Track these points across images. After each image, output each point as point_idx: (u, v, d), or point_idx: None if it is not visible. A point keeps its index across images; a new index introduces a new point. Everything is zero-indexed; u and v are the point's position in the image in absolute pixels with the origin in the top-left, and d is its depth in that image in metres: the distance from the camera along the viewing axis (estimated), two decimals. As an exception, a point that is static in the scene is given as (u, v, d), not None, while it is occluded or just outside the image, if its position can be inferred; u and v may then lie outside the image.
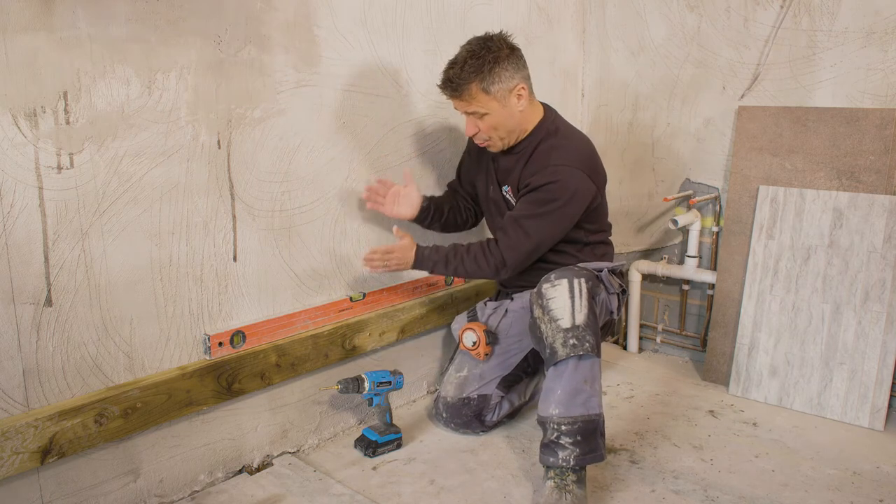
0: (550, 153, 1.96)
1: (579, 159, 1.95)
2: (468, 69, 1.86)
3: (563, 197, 1.92)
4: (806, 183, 2.34)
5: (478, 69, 1.86)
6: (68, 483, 1.56)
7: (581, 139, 2.05)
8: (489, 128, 1.94)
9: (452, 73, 1.89)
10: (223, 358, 1.78)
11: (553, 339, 1.77)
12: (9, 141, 1.39)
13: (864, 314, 2.20)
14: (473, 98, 1.89)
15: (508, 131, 1.97)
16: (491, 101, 1.90)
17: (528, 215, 1.94)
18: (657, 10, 2.65)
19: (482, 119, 1.93)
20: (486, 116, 1.92)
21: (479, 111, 1.91)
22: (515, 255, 1.96)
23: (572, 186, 1.92)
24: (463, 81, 1.87)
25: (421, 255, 2.03)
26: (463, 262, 2.00)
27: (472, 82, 1.87)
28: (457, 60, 1.90)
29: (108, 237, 1.56)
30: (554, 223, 1.95)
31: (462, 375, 2.15)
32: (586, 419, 1.74)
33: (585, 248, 2.08)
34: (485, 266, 1.98)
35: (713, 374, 2.55)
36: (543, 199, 1.93)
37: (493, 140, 1.98)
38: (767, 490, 1.85)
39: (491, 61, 1.87)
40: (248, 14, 1.74)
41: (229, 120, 1.74)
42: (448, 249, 2.03)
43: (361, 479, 1.90)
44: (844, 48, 2.26)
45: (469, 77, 1.86)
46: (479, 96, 1.89)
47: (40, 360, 1.49)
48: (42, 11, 1.40)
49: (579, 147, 2.00)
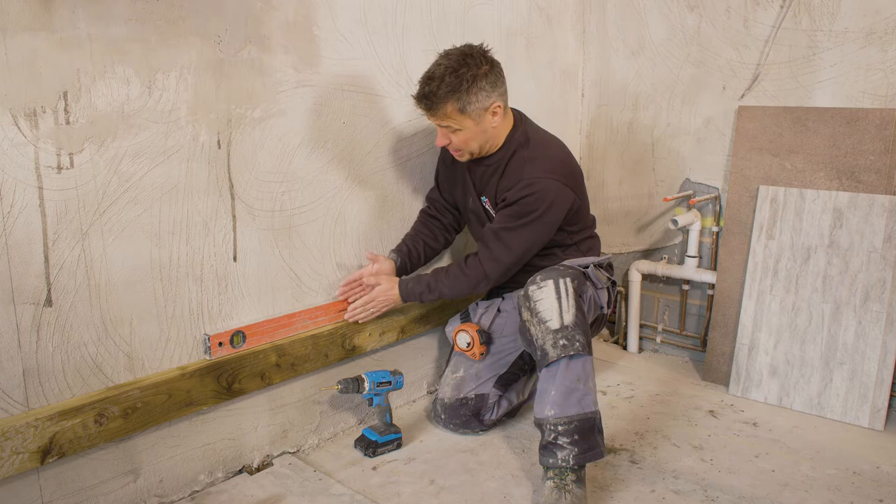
0: (524, 166, 1.96)
1: (552, 168, 1.96)
2: (445, 88, 1.83)
3: (540, 207, 1.92)
4: (806, 183, 2.34)
5: (455, 88, 1.83)
6: (68, 483, 1.56)
7: (552, 146, 2.05)
8: (461, 142, 1.94)
9: (429, 89, 1.85)
10: (223, 358, 1.78)
11: (543, 340, 1.77)
12: (9, 141, 1.39)
13: (864, 314, 2.20)
14: (448, 116, 1.88)
15: (480, 145, 1.97)
16: (465, 120, 1.89)
17: (508, 227, 1.96)
18: (657, 10, 2.65)
19: (455, 133, 1.93)
20: (459, 132, 1.92)
21: (453, 126, 1.90)
22: (496, 267, 1.98)
23: (549, 197, 1.93)
24: (439, 100, 1.85)
25: (405, 289, 2.06)
26: (446, 286, 2.03)
27: (448, 101, 1.85)
28: (433, 76, 1.85)
29: (108, 237, 1.56)
30: (534, 234, 1.96)
31: (458, 376, 2.15)
32: (582, 417, 1.74)
33: (570, 247, 2.10)
34: (465, 284, 2.01)
35: (713, 374, 2.55)
36: (521, 212, 1.94)
37: (464, 152, 1.99)
38: (767, 490, 1.85)
39: (469, 80, 1.83)
40: (248, 14, 1.74)
41: (229, 120, 1.74)
42: (429, 277, 2.06)
43: (361, 479, 1.90)
44: (844, 48, 2.26)
45: (446, 96, 1.84)
46: (454, 115, 1.88)
47: (40, 360, 1.50)
48: (42, 11, 1.40)
49: (551, 154, 2.00)
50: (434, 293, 2.05)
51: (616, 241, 2.90)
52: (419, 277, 2.07)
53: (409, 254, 2.16)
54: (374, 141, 2.11)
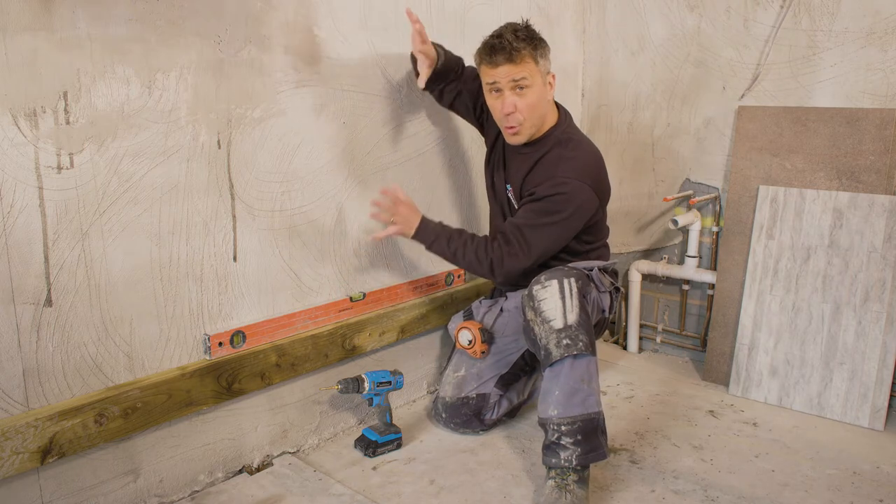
0: (559, 164, 1.94)
1: (587, 173, 1.94)
2: (522, 36, 1.87)
3: (567, 209, 1.90)
4: (806, 183, 2.34)
5: (530, 38, 1.89)
6: (68, 483, 1.56)
7: (591, 152, 2.01)
8: (527, 107, 1.91)
9: (505, 39, 1.86)
10: (223, 358, 1.78)
11: (547, 340, 1.77)
12: (9, 141, 1.39)
13: (864, 314, 2.20)
14: (527, 64, 1.88)
15: (539, 116, 1.95)
16: (537, 75, 1.90)
17: (531, 224, 1.92)
18: (657, 10, 2.65)
19: (524, 94, 1.89)
20: (528, 91, 1.89)
21: (527, 79, 1.88)
22: (513, 264, 1.94)
23: (578, 200, 1.91)
24: (519, 46, 1.86)
25: (425, 224, 1.99)
26: (464, 249, 1.96)
27: (527, 48, 1.87)
28: (504, 31, 1.89)
29: (108, 237, 1.56)
30: (555, 234, 1.93)
31: (460, 375, 2.15)
32: (586, 418, 1.74)
33: (581, 255, 2.07)
34: (481, 261, 1.95)
35: (713, 374, 2.55)
36: (548, 210, 1.91)
37: (524, 126, 1.94)
38: (767, 490, 1.85)
39: (539, 38, 1.91)
40: (248, 14, 1.74)
41: (229, 120, 1.74)
42: (453, 230, 1.99)
43: (361, 479, 1.90)
44: (844, 48, 2.26)
45: (524, 44, 1.87)
46: (531, 65, 1.88)
47: (40, 360, 1.49)
48: (42, 11, 1.40)
49: (588, 160, 1.98)
50: (450, 248, 1.96)
51: (616, 241, 2.90)
52: (442, 224, 2.01)
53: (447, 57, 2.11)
54: (375, 141, 2.11)
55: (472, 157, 2.45)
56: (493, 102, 1.95)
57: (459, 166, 2.41)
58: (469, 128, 2.34)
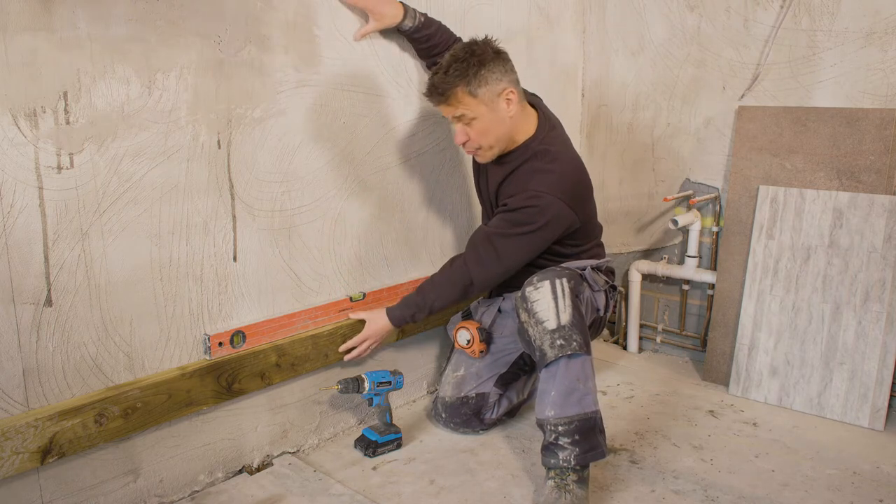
0: (532, 176, 1.92)
1: (560, 188, 1.91)
2: (452, 73, 1.83)
3: (538, 221, 1.89)
4: (806, 183, 2.34)
5: (463, 72, 1.83)
6: (68, 483, 1.56)
7: (569, 163, 1.99)
8: (479, 134, 1.91)
9: (437, 78, 1.85)
10: (223, 358, 1.78)
11: (541, 341, 1.77)
12: (9, 141, 1.39)
13: (864, 314, 2.20)
14: (460, 102, 1.86)
15: (497, 138, 1.93)
16: (479, 105, 1.86)
17: (501, 234, 1.93)
18: (657, 10, 2.65)
19: (471, 125, 1.89)
20: (475, 122, 1.89)
21: (468, 115, 1.87)
22: (483, 273, 1.95)
23: (549, 213, 1.89)
24: (448, 86, 1.84)
25: (394, 316, 2.02)
26: (433, 297, 1.98)
27: (457, 86, 1.84)
28: (440, 68, 1.87)
29: (108, 237, 1.56)
30: (525, 245, 1.93)
31: (459, 375, 2.15)
32: (583, 417, 1.74)
33: (572, 257, 2.07)
34: (451, 290, 1.97)
35: (713, 374, 2.55)
36: (518, 221, 1.91)
37: (483, 149, 1.95)
38: (767, 490, 1.85)
39: (476, 64, 1.84)
40: (248, 14, 1.74)
41: (229, 120, 1.74)
42: (414, 296, 2.01)
43: (361, 479, 1.90)
44: (844, 48, 2.26)
45: (454, 81, 1.83)
46: (466, 100, 1.86)
47: (40, 360, 1.50)
48: (42, 11, 1.40)
49: (564, 173, 1.95)
50: (425, 310, 2.00)
51: (616, 241, 2.90)
52: (405, 300, 2.02)
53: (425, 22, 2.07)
54: (375, 141, 2.11)
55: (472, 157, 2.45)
56: None
57: (459, 166, 2.41)
58: (469, 128, 2.34)
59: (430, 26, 2.09)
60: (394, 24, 2.03)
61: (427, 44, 2.10)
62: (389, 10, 2.00)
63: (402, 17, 2.02)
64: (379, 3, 1.98)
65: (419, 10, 2.08)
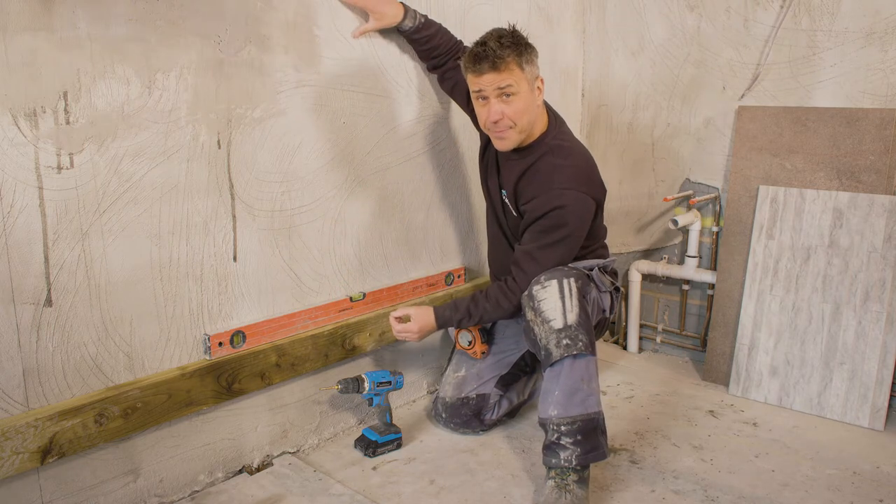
0: (553, 174, 1.91)
1: (581, 180, 1.91)
2: (506, 43, 1.82)
3: (571, 222, 1.89)
4: (806, 183, 2.34)
5: (515, 44, 1.83)
6: (68, 483, 1.56)
7: (582, 156, 1.99)
8: (515, 113, 1.87)
9: (489, 47, 1.82)
10: (223, 358, 1.78)
11: (547, 340, 1.77)
12: (9, 141, 1.39)
13: (864, 314, 2.20)
14: (511, 72, 1.83)
15: (529, 122, 1.91)
16: (523, 81, 1.85)
17: (541, 246, 1.91)
18: (657, 10, 2.65)
19: (510, 101, 1.86)
20: (515, 98, 1.85)
21: (513, 87, 1.84)
22: None
23: (578, 211, 1.89)
24: (503, 54, 1.81)
25: (441, 316, 2.01)
26: (486, 310, 1.97)
27: (511, 54, 1.82)
28: (488, 38, 1.84)
29: (108, 237, 1.56)
30: (565, 249, 1.92)
31: (460, 375, 2.15)
32: (585, 418, 1.74)
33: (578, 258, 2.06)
34: (507, 306, 1.95)
35: (713, 374, 2.55)
36: (552, 226, 1.89)
37: (514, 131, 1.90)
38: (767, 490, 1.85)
39: (525, 42, 1.86)
40: (248, 14, 1.74)
41: (229, 120, 1.74)
42: (467, 301, 2.00)
43: (361, 479, 1.90)
44: (844, 48, 2.26)
45: (508, 51, 1.82)
46: (516, 71, 1.84)
47: (40, 360, 1.50)
48: (42, 11, 1.40)
49: (580, 166, 1.95)
50: (474, 319, 2.00)
51: (616, 241, 2.90)
52: (455, 304, 2.02)
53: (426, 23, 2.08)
54: (375, 141, 2.11)
55: (472, 157, 2.45)
56: (479, 110, 1.92)
57: (459, 166, 2.41)
58: (469, 128, 2.34)
59: (431, 28, 2.09)
60: (394, 24, 2.03)
61: (427, 45, 2.10)
62: (390, 9, 2.00)
63: (403, 17, 2.02)
64: (379, 2, 1.98)
65: (419, 11, 2.08)
